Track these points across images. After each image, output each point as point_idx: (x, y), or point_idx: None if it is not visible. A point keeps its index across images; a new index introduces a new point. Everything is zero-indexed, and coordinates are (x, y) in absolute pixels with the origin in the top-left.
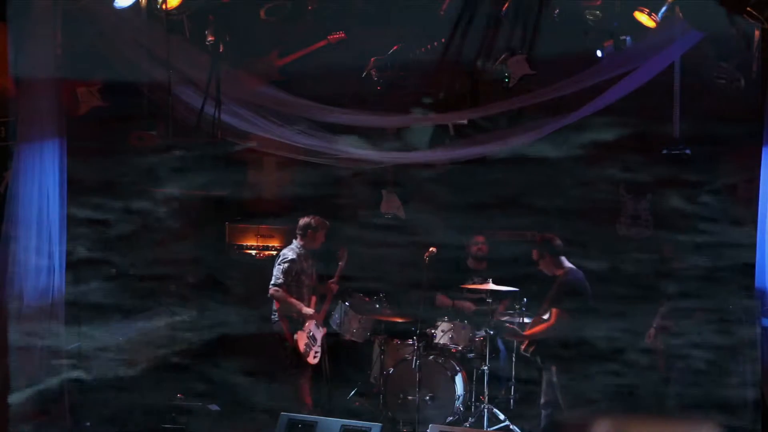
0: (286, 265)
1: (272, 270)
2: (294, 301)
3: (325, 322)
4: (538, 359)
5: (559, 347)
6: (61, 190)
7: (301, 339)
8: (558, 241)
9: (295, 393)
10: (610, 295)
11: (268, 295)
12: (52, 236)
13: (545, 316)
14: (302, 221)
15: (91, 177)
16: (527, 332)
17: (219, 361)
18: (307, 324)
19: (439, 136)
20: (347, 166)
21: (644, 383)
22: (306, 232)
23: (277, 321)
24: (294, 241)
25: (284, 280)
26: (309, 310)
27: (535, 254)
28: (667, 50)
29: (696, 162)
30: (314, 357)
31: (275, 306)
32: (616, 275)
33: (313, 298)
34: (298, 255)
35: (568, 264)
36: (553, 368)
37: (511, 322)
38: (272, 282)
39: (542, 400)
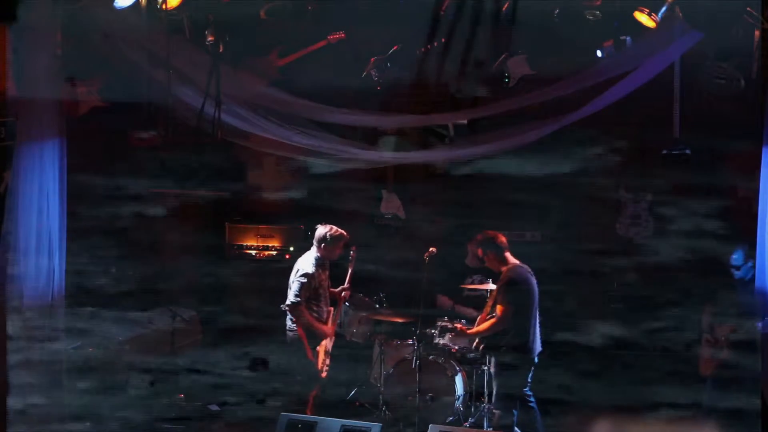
0: (304, 280)
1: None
2: (312, 320)
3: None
4: (487, 357)
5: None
6: (61, 190)
7: (321, 355)
8: (502, 238)
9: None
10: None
11: (284, 309)
12: (52, 236)
13: (493, 314)
14: (319, 231)
15: (91, 177)
16: (471, 331)
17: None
18: (324, 341)
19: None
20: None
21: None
22: (322, 244)
23: (294, 332)
24: (312, 249)
25: (302, 297)
26: (328, 330)
27: (479, 252)
28: (667, 50)
29: (696, 162)
30: (326, 371)
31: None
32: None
33: (331, 310)
34: (316, 267)
35: (513, 260)
36: (493, 364)
37: (454, 323)
38: (291, 299)
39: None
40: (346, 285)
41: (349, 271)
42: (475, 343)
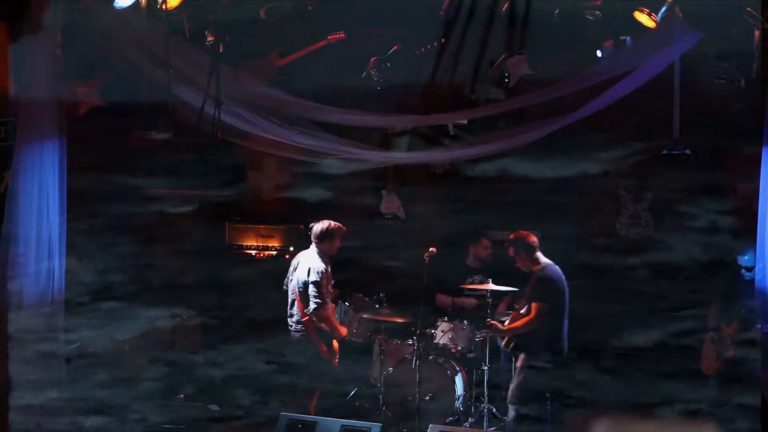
0: (319, 279)
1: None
2: (335, 322)
3: None
4: (516, 354)
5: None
6: (61, 190)
7: (336, 351)
8: (533, 238)
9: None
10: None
11: (293, 314)
12: (51, 236)
13: (523, 311)
14: (317, 227)
15: (91, 177)
16: (507, 327)
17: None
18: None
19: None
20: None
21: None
22: (323, 240)
23: (302, 332)
24: (312, 247)
25: (323, 298)
26: (344, 331)
27: (511, 251)
28: (667, 50)
29: (696, 162)
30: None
31: (301, 317)
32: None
33: (333, 307)
34: (325, 264)
35: (544, 259)
36: (521, 359)
37: (491, 318)
38: (315, 302)
39: (510, 396)
40: (331, 281)
41: (328, 268)
42: (504, 341)
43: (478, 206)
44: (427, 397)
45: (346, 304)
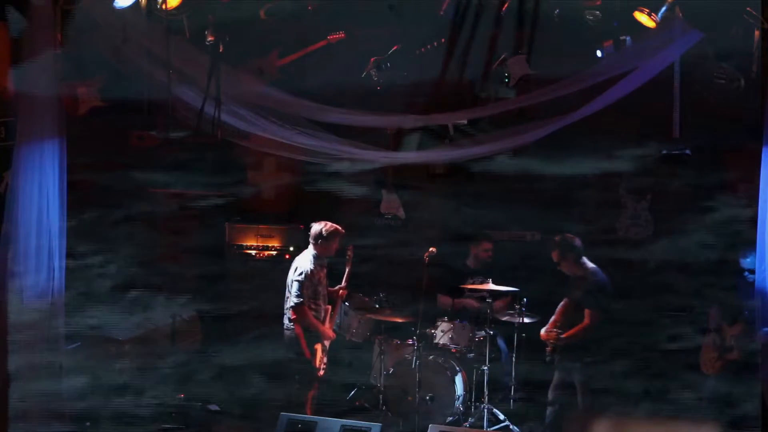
0: (303, 278)
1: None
2: (315, 321)
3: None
4: (555, 358)
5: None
6: (61, 190)
7: (318, 354)
8: (579, 242)
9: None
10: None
11: (286, 312)
12: (51, 236)
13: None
14: (315, 228)
15: (91, 177)
16: (567, 334)
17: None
18: (324, 341)
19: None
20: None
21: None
22: (318, 241)
23: (292, 330)
24: (309, 247)
25: (304, 297)
26: (330, 334)
27: (555, 255)
28: (667, 50)
29: (696, 162)
30: (323, 369)
31: (291, 315)
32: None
33: (328, 309)
34: (314, 265)
35: (590, 264)
36: (577, 367)
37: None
38: (293, 300)
39: (550, 397)
40: (343, 284)
41: (347, 270)
42: (549, 348)
43: (477, 205)
44: (427, 397)
45: (346, 304)
